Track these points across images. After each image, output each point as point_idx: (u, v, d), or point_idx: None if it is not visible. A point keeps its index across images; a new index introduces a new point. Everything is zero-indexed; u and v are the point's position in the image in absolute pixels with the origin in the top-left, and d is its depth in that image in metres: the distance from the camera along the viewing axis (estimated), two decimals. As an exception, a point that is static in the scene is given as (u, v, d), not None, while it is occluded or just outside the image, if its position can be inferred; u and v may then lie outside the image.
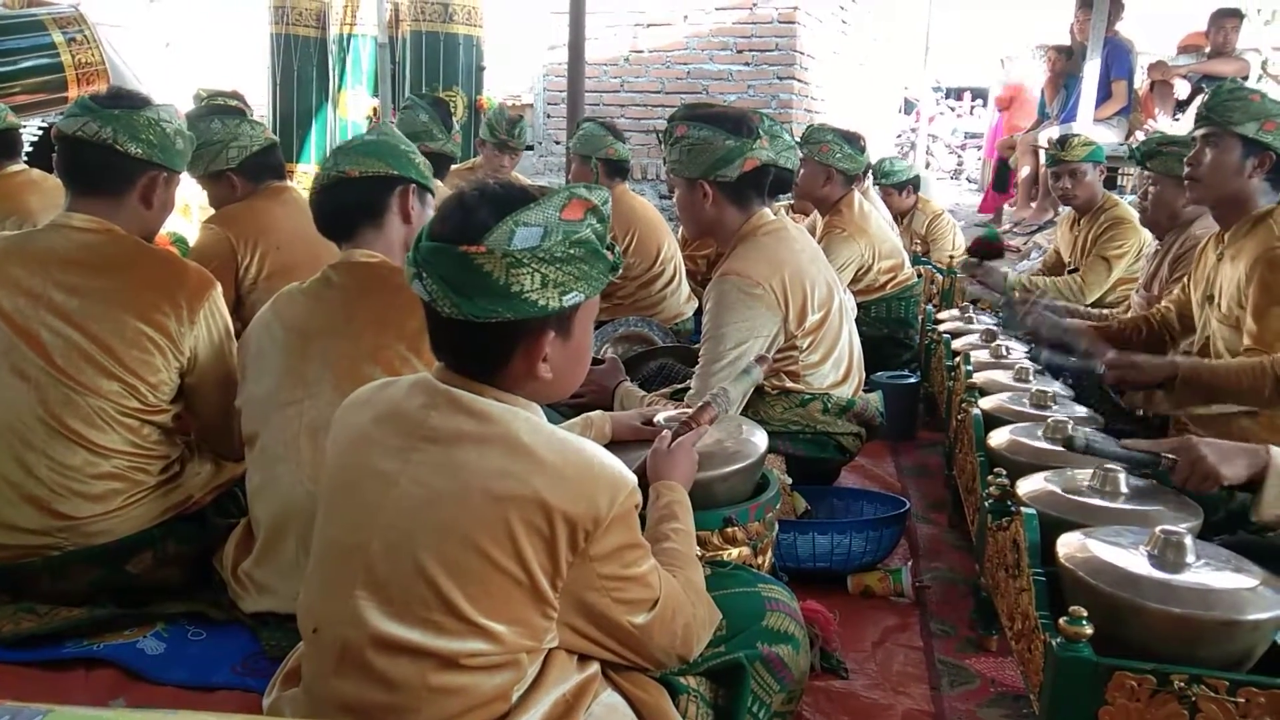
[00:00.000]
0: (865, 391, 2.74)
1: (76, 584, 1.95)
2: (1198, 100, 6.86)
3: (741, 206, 2.51)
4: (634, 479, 1.24)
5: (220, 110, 2.87)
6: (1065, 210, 4.48)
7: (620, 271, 1.30)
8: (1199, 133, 2.53)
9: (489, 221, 1.16)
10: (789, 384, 2.54)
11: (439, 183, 2.80)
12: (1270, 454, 1.75)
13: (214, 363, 2.08)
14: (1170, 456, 1.81)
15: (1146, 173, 3.41)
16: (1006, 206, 7.86)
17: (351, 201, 1.92)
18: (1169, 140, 3.38)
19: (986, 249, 4.43)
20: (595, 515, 1.18)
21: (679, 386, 2.66)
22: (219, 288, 2.11)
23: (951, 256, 5.35)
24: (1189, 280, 2.77)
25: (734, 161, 2.41)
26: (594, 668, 1.29)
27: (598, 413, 1.89)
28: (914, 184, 5.58)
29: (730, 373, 2.32)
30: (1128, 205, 4.17)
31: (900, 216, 5.50)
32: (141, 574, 2.00)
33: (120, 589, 1.99)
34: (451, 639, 1.17)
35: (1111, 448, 1.89)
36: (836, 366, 2.61)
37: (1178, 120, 6.77)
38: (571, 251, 1.19)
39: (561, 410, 2.25)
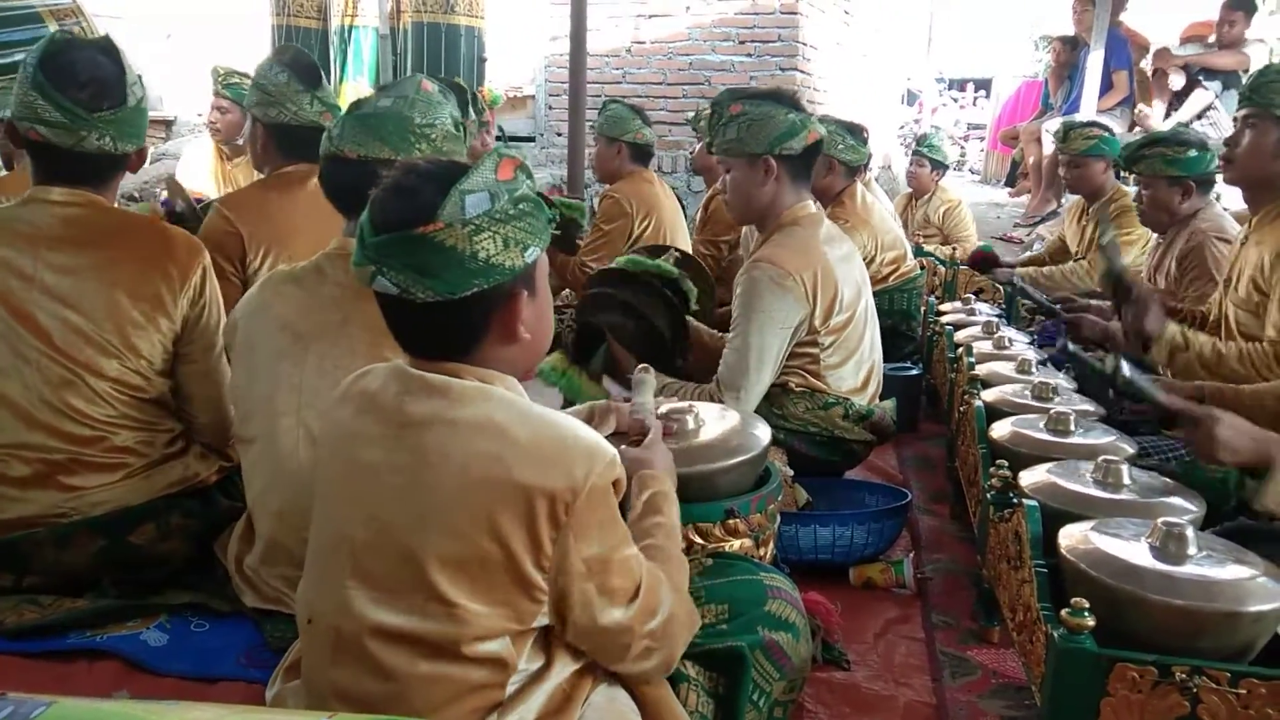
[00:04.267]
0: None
1: (80, 555, 1.95)
2: (1195, 93, 6.80)
3: (796, 186, 2.52)
4: (614, 451, 1.24)
5: (298, 68, 2.60)
6: (1069, 200, 4.48)
7: (557, 221, 1.31)
8: (1241, 113, 2.50)
9: (436, 199, 1.17)
10: (813, 383, 2.54)
11: None
12: None
13: (206, 332, 2.07)
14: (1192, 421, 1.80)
15: (1135, 175, 3.39)
16: (1010, 197, 7.85)
17: (349, 184, 1.83)
18: (1151, 140, 3.35)
19: (984, 261, 4.51)
20: (572, 486, 1.18)
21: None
22: (208, 255, 2.09)
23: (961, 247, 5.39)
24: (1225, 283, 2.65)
25: (799, 134, 2.43)
26: (592, 657, 1.29)
27: (602, 402, 1.89)
28: (943, 169, 5.85)
29: (751, 360, 2.40)
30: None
31: (916, 197, 5.81)
32: (144, 545, 1.99)
33: (122, 562, 1.99)
34: (439, 624, 1.17)
35: (1151, 391, 1.92)
36: (857, 370, 2.60)
37: (1170, 115, 6.73)
38: (522, 208, 1.21)
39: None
